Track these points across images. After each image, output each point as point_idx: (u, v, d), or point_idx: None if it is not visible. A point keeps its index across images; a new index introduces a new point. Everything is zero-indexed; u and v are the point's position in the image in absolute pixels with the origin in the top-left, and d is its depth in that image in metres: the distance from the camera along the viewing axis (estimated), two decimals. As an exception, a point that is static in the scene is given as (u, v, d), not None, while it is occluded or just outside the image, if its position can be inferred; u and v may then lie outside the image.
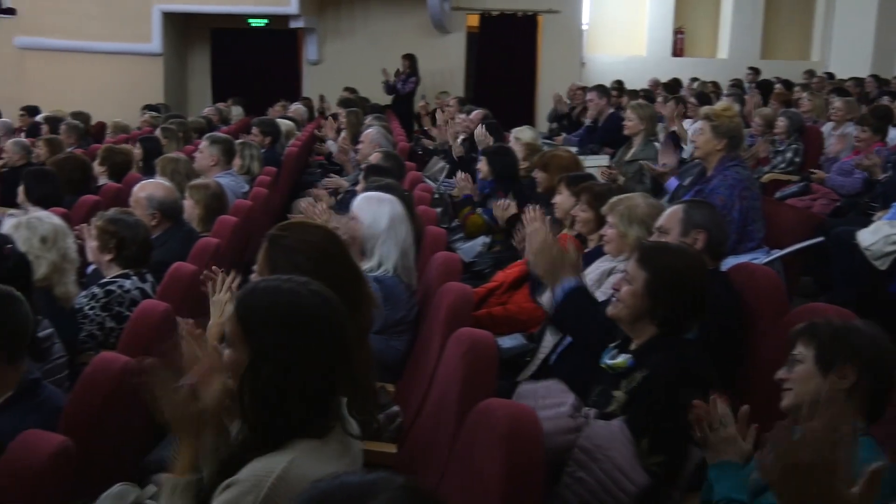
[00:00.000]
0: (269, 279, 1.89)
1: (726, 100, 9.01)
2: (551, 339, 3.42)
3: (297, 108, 11.65)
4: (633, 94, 11.04)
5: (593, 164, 6.21)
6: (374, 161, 5.47)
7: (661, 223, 3.25)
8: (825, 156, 7.25)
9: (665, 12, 15.93)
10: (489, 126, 7.04)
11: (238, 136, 7.80)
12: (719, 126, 4.40)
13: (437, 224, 4.62)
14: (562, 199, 4.35)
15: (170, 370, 1.86)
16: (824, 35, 15.59)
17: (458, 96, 11.27)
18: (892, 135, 6.95)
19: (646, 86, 12.79)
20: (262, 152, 6.95)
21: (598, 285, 3.50)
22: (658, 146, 6.12)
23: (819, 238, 4.77)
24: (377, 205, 3.40)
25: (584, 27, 15.36)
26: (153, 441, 2.73)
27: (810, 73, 13.46)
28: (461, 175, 6.03)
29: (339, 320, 1.79)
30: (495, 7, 14.62)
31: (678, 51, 16.24)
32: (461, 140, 7.68)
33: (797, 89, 11.03)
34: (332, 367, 1.76)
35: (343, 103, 10.48)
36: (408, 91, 13.02)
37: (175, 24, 13.83)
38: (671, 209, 3.29)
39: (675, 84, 12.55)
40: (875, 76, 12.42)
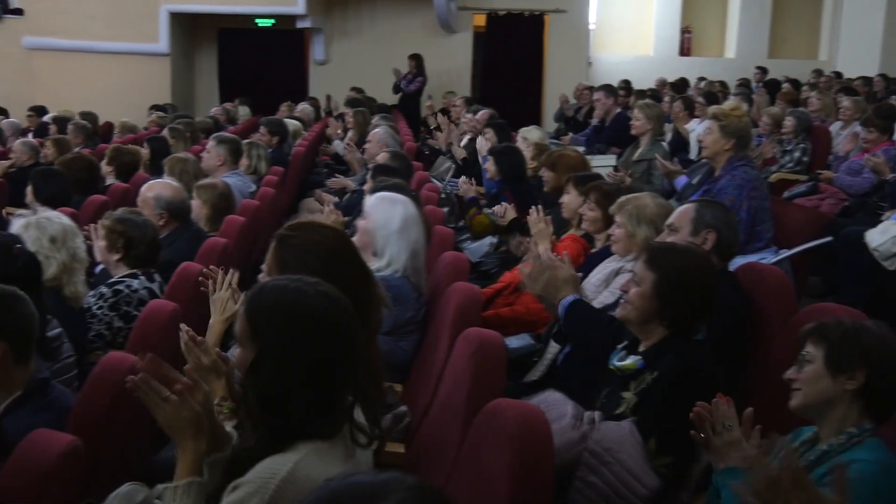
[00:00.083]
0: (279, 279, 1.89)
1: (734, 99, 8.99)
2: (559, 340, 3.41)
3: (303, 108, 11.66)
4: (641, 93, 11.03)
5: (600, 164, 6.20)
6: (381, 161, 5.48)
7: (671, 221, 3.24)
8: (833, 155, 7.22)
9: (672, 11, 15.88)
10: (497, 126, 7.04)
11: (248, 136, 7.81)
12: (728, 126, 4.39)
13: (443, 224, 4.61)
14: (569, 198, 4.35)
15: (159, 376, 1.86)
16: (832, 34, 15.53)
17: (465, 96, 11.27)
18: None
19: (653, 85, 12.77)
20: (270, 152, 6.96)
21: (606, 285, 3.49)
22: (665, 146, 6.11)
23: (827, 238, 4.74)
24: (390, 205, 3.38)
25: (591, 27, 15.32)
26: (162, 440, 2.72)
27: (818, 73, 13.40)
28: (463, 179, 6.03)
29: (346, 322, 1.78)
30: (502, 7, 14.59)
31: (685, 50, 16.19)
32: (467, 140, 7.68)
33: (805, 89, 10.99)
34: (337, 368, 1.75)
35: (350, 103, 10.48)
36: (413, 90, 13.01)
37: (182, 24, 13.83)
38: (683, 208, 3.28)
39: (682, 84, 12.53)
40: (883, 75, 12.36)
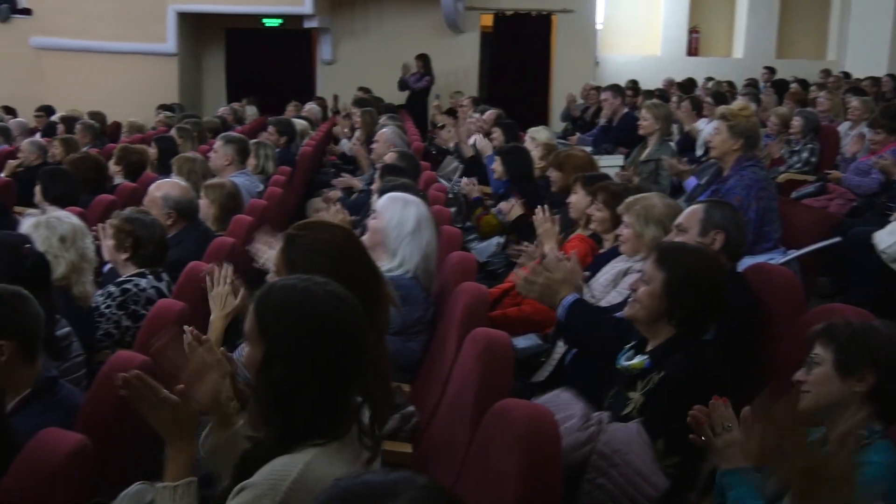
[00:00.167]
0: (288, 278, 1.89)
1: (742, 99, 8.96)
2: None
3: (311, 108, 11.67)
4: (648, 93, 11.01)
5: (608, 164, 6.19)
6: (389, 161, 5.47)
7: (680, 221, 3.23)
8: (841, 155, 7.20)
9: (680, 11, 15.87)
10: (505, 125, 7.02)
11: (256, 136, 7.82)
12: (736, 126, 4.38)
13: (450, 224, 4.61)
14: (577, 198, 4.34)
15: (148, 382, 1.86)
16: (840, 34, 15.49)
17: (472, 96, 11.25)
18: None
19: (660, 85, 12.75)
20: (277, 152, 6.97)
21: (614, 285, 3.49)
22: (673, 146, 6.10)
23: (836, 238, 4.72)
24: (403, 206, 3.37)
25: (599, 27, 15.31)
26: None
27: (826, 73, 13.37)
28: (465, 180, 6.03)
29: (354, 322, 1.77)
30: (509, 7, 14.58)
31: (693, 50, 16.18)
32: (475, 140, 7.66)
33: (813, 89, 10.96)
34: (344, 368, 1.74)
35: (357, 103, 10.49)
36: (420, 88, 13.00)
37: (190, 24, 13.86)
38: (691, 208, 3.27)
39: (689, 84, 12.51)
40: (891, 75, 12.30)
